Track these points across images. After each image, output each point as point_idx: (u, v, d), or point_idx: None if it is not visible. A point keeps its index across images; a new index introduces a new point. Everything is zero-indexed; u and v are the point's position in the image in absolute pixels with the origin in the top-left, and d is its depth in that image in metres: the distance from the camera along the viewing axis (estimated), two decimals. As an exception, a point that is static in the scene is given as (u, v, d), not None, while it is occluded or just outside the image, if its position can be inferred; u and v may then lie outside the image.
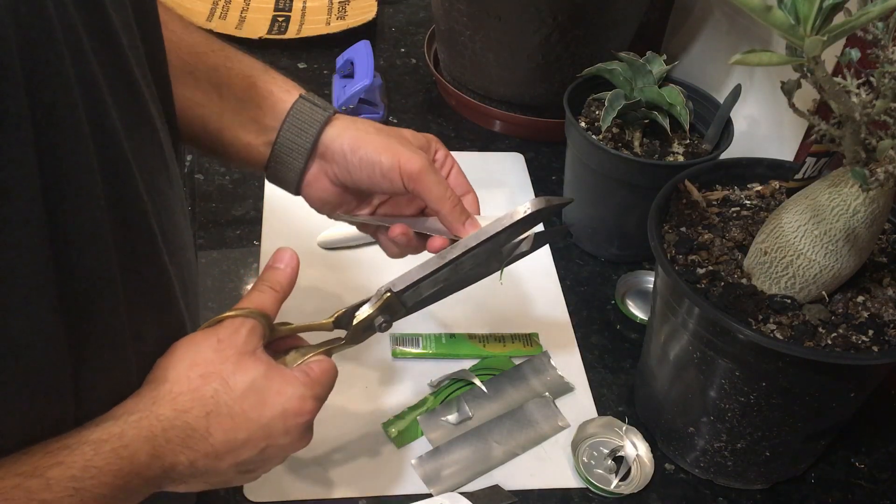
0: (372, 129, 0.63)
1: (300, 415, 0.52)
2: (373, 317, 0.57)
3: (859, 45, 0.55)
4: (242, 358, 0.51)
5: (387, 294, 0.57)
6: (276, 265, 0.58)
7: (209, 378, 0.49)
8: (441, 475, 0.72)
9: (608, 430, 0.76)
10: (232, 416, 0.49)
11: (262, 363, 0.52)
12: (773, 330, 0.63)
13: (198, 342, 0.51)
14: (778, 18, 0.50)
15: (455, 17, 1.05)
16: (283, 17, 1.30)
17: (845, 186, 0.60)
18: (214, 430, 0.49)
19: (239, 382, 0.50)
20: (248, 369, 0.51)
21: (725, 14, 1.07)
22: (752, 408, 0.66)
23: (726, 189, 0.76)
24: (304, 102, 0.63)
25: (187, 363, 0.50)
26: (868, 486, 0.76)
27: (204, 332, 0.52)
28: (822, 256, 0.62)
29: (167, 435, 0.47)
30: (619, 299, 0.90)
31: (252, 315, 0.53)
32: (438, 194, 0.61)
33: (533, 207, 0.61)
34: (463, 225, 0.62)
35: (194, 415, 0.48)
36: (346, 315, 0.58)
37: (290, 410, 0.51)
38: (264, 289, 0.56)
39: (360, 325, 0.57)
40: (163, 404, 0.47)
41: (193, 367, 0.49)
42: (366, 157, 0.61)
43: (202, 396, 0.49)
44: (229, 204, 0.97)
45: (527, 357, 0.83)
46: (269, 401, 0.51)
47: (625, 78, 0.88)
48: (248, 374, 0.50)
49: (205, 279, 0.88)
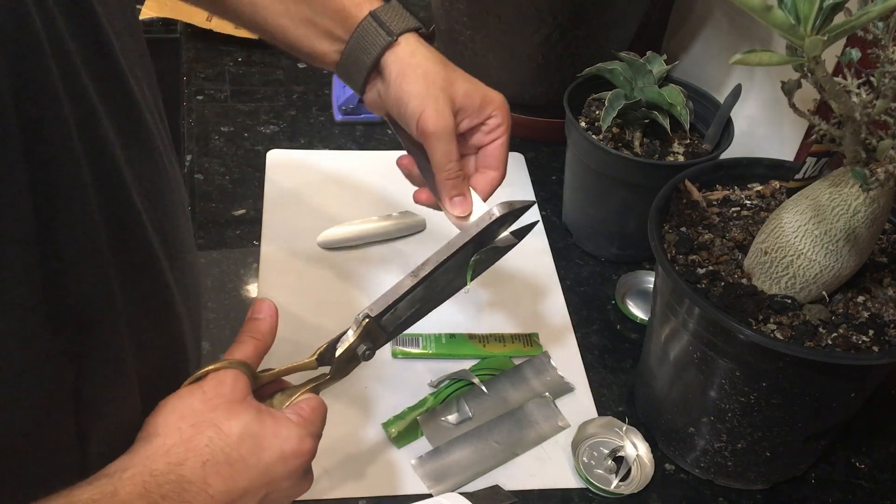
0: (423, 67, 0.63)
1: (299, 455, 0.50)
2: (355, 346, 0.57)
3: (860, 45, 0.55)
4: (232, 405, 0.49)
5: (365, 320, 0.56)
6: (255, 316, 0.57)
7: (201, 427, 0.47)
8: (441, 475, 0.72)
9: (608, 430, 0.75)
10: (230, 464, 0.47)
11: (252, 408, 0.50)
12: (773, 330, 0.63)
13: (183, 396, 0.50)
14: (778, 18, 0.50)
15: (455, 17, 1.05)
16: (282, 16, 1.30)
17: (846, 186, 0.60)
18: (212, 479, 0.46)
19: (233, 428, 0.48)
20: (240, 414, 0.49)
21: (725, 14, 1.07)
22: (753, 408, 0.66)
23: (726, 189, 0.76)
24: (370, 22, 0.63)
25: (176, 416, 0.48)
26: (868, 486, 0.76)
27: (188, 387, 0.51)
28: (822, 256, 0.62)
29: (162, 490, 0.44)
30: (619, 299, 0.90)
31: (234, 365, 0.52)
32: (438, 161, 0.62)
33: (498, 213, 0.60)
34: (450, 199, 0.63)
35: (190, 466, 0.46)
36: (328, 350, 0.57)
37: (288, 452, 0.50)
38: (245, 339, 0.55)
39: (343, 357, 0.56)
40: (156, 458, 0.46)
41: (183, 418, 0.48)
42: (399, 96, 0.62)
43: (196, 446, 0.47)
44: (229, 204, 0.97)
45: (527, 357, 0.83)
46: (266, 444, 0.49)
47: (625, 78, 0.88)
48: (241, 419, 0.49)
49: (205, 279, 0.88)
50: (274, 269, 0.89)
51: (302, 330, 0.83)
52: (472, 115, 0.65)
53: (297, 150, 1.05)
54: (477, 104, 0.65)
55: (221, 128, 1.07)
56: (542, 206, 1.01)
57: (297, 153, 1.04)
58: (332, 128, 1.09)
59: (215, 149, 1.04)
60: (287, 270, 0.89)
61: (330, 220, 0.94)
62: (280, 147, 1.04)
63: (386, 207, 0.96)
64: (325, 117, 1.11)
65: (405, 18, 0.64)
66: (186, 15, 1.25)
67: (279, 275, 0.88)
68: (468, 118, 0.65)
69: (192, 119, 1.08)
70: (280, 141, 1.06)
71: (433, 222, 0.96)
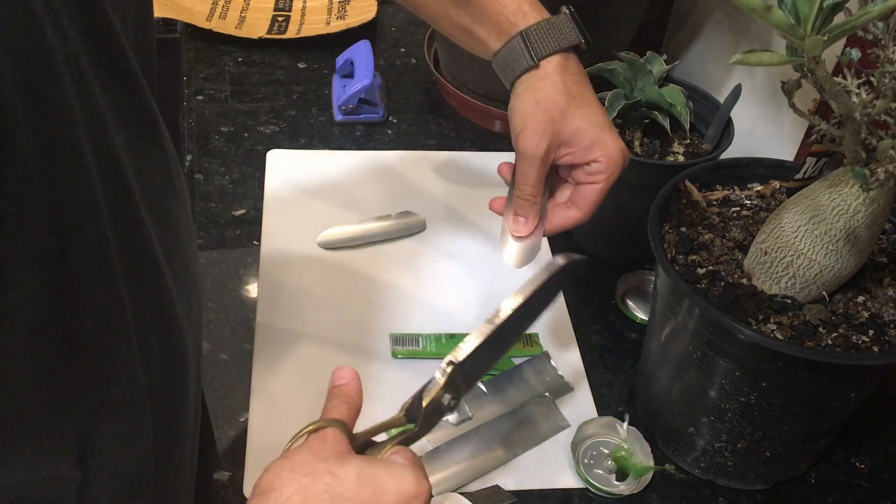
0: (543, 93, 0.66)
1: (419, 496, 0.48)
2: (439, 396, 0.55)
3: (860, 45, 0.55)
4: (341, 455, 0.48)
5: (450, 367, 0.55)
6: (339, 383, 0.56)
7: (317, 475, 0.46)
8: (441, 475, 0.72)
9: (608, 430, 0.75)
10: None
11: (360, 456, 0.49)
12: (773, 330, 0.63)
13: (289, 454, 0.48)
14: (778, 18, 0.50)
15: (455, 17, 1.05)
16: (282, 16, 1.30)
17: (846, 186, 0.60)
18: None
19: (348, 473, 0.47)
20: (352, 461, 0.48)
21: (725, 14, 1.07)
22: (753, 408, 0.66)
23: (726, 189, 0.76)
24: (518, 43, 0.66)
25: (287, 470, 0.46)
26: (868, 486, 0.76)
27: (294, 449, 0.49)
28: (822, 256, 0.62)
29: None
30: (619, 299, 0.90)
31: (331, 424, 0.51)
32: (517, 178, 0.67)
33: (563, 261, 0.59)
34: (514, 216, 0.68)
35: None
36: (414, 403, 0.55)
37: (408, 492, 0.47)
38: (335, 403, 0.54)
39: (429, 408, 0.55)
40: None
41: (295, 471, 0.46)
42: (512, 111, 0.67)
43: (315, 493, 0.45)
44: (229, 204, 0.97)
45: (527, 357, 0.83)
46: (386, 485, 0.47)
47: (625, 78, 0.88)
48: (354, 464, 0.47)
49: (205, 279, 0.88)
50: (274, 269, 0.89)
51: (302, 329, 0.83)
52: (577, 154, 0.67)
53: (297, 150, 1.05)
54: (585, 144, 0.67)
55: (221, 128, 1.07)
56: (542, 206, 1.01)
57: (297, 153, 1.04)
58: (332, 128, 1.09)
59: (215, 149, 1.04)
60: (287, 270, 0.89)
61: (330, 220, 0.94)
62: (280, 147, 1.04)
63: (386, 207, 0.96)
64: (325, 117, 1.11)
65: (556, 38, 0.67)
66: (186, 15, 1.25)
67: (279, 275, 0.88)
68: (571, 154, 0.67)
69: (192, 119, 1.08)
70: (280, 141, 1.06)
71: (433, 222, 0.96)
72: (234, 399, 0.77)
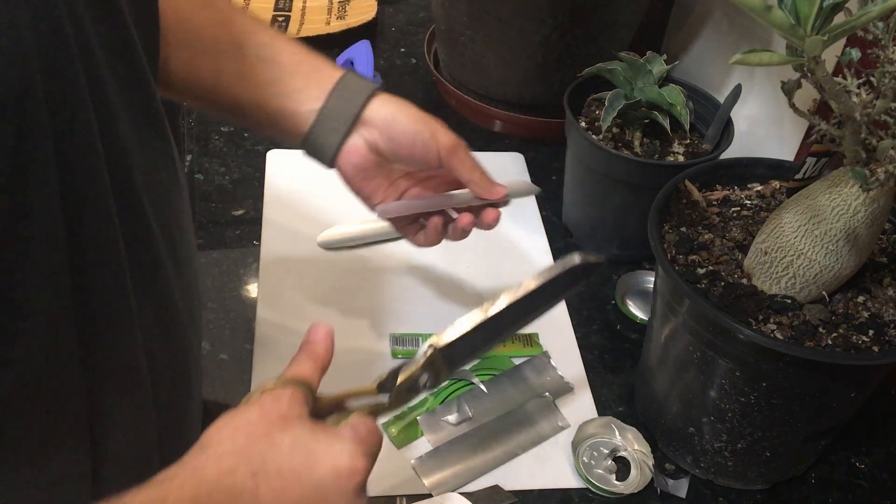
0: (413, 107, 0.68)
1: (353, 473, 0.48)
2: (417, 376, 0.55)
3: (860, 45, 0.55)
4: (287, 419, 0.49)
5: (430, 350, 0.55)
6: (311, 339, 0.56)
7: (254, 438, 0.47)
8: (441, 475, 0.72)
9: (608, 430, 0.75)
10: (281, 476, 0.46)
11: (307, 423, 0.49)
12: (773, 330, 0.63)
13: (241, 411, 0.49)
14: (778, 18, 0.50)
15: (455, 17, 1.05)
16: (282, 16, 1.30)
17: (845, 186, 0.60)
18: (263, 490, 0.46)
19: (285, 440, 0.47)
20: (294, 428, 0.48)
21: (725, 14, 1.07)
22: (753, 408, 0.66)
23: (726, 189, 0.76)
24: (351, 77, 0.66)
25: (231, 428, 0.47)
26: (868, 486, 0.76)
27: (245, 405, 0.50)
28: (822, 256, 0.62)
29: (212, 498, 0.44)
30: (619, 299, 0.90)
31: (292, 384, 0.51)
32: (470, 164, 0.67)
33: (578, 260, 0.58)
34: (493, 187, 0.68)
35: (240, 475, 0.45)
36: (390, 378, 0.55)
37: (341, 468, 0.48)
38: (302, 359, 0.54)
39: (403, 385, 0.55)
40: (207, 466, 0.45)
41: (237, 430, 0.47)
42: (409, 126, 0.66)
43: (248, 455, 0.46)
44: (229, 204, 0.97)
45: (527, 357, 0.83)
46: (319, 458, 0.48)
47: (625, 78, 0.88)
48: (294, 432, 0.48)
49: (205, 279, 0.88)
50: (274, 269, 0.89)
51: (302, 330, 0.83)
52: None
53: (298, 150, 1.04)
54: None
55: (221, 128, 1.07)
56: (541, 206, 1.01)
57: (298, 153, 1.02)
58: (332, 128, 1.09)
59: (215, 149, 1.04)
60: (287, 270, 0.89)
61: (330, 220, 0.94)
62: (280, 147, 1.04)
63: (386, 207, 0.96)
64: (325, 117, 1.11)
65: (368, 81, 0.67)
66: (186, 15, 1.25)
67: (279, 275, 0.88)
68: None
69: (192, 119, 1.08)
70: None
71: (433, 222, 0.96)
72: (234, 399, 0.77)
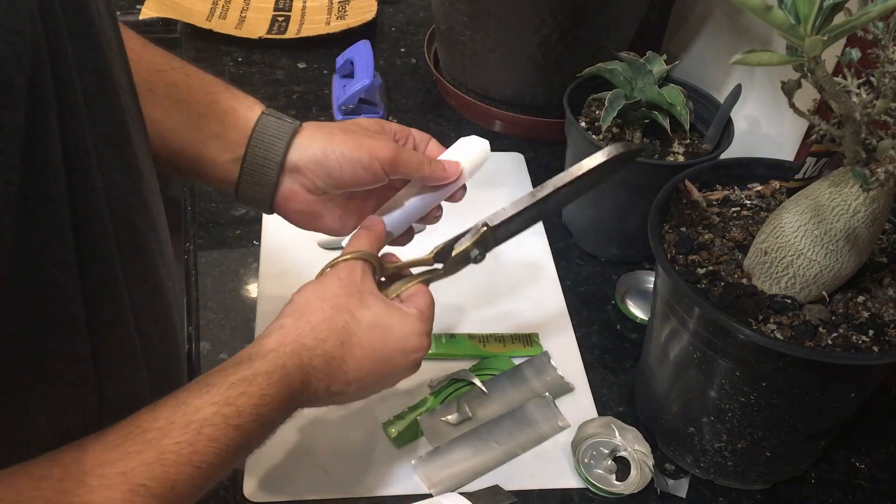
0: (336, 130, 0.64)
1: (418, 350, 0.58)
2: (469, 249, 0.63)
3: (860, 45, 0.55)
4: (363, 295, 0.56)
5: (484, 228, 0.63)
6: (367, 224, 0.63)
7: (339, 310, 0.55)
8: (441, 475, 0.72)
9: (608, 430, 0.75)
10: (361, 347, 0.55)
11: (381, 301, 0.57)
12: (773, 330, 0.63)
13: (322, 282, 0.57)
14: (778, 18, 0.50)
15: (455, 17, 1.05)
16: (282, 16, 1.30)
17: (846, 186, 0.60)
18: (348, 357, 0.54)
19: (365, 316, 0.55)
20: (371, 305, 0.56)
21: (725, 14, 1.07)
22: (753, 408, 0.66)
23: (726, 189, 0.76)
24: (268, 118, 0.62)
25: (318, 297, 0.55)
26: (868, 486, 0.76)
27: (324, 274, 0.58)
28: (822, 256, 0.62)
29: (313, 363, 0.53)
30: (619, 299, 0.90)
31: (362, 256, 0.59)
32: (416, 164, 0.65)
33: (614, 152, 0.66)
34: (445, 171, 0.66)
35: (332, 343, 0.54)
36: (445, 249, 0.64)
37: (409, 346, 0.57)
38: (362, 235, 0.61)
39: (457, 257, 0.63)
40: (305, 334, 0.53)
41: (324, 300, 0.55)
42: (343, 156, 0.62)
43: (336, 326, 0.54)
44: (229, 204, 0.97)
45: (527, 357, 0.83)
46: (392, 335, 0.56)
47: (625, 78, 0.88)
48: (371, 309, 0.56)
49: (205, 279, 0.88)
50: (274, 270, 0.89)
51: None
52: None
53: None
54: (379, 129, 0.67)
55: (221, 128, 1.07)
56: (542, 206, 1.01)
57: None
58: (332, 128, 1.09)
59: (215, 149, 1.04)
60: (287, 270, 0.89)
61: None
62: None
63: (386, 207, 0.96)
64: (325, 117, 1.11)
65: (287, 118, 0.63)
66: (186, 15, 1.25)
67: (279, 275, 0.88)
68: None
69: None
70: (280, 141, 1.06)
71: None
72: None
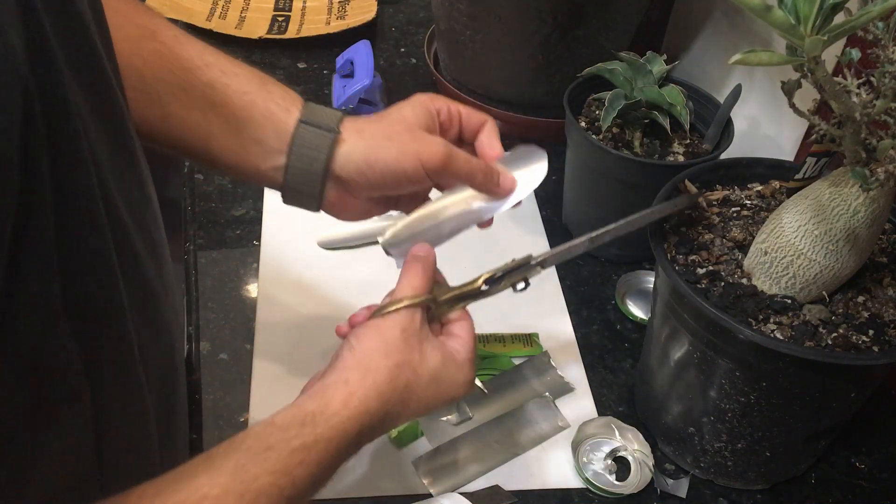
0: (380, 135, 0.61)
1: (465, 394, 0.60)
2: (516, 282, 0.64)
3: (860, 45, 0.55)
4: (424, 346, 0.57)
5: (537, 267, 0.64)
6: (417, 254, 0.63)
7: (402, 368, 0.55)
8: (441, 475, 0.72)
9: (608, 430, 0.75)
10: (418, 401, 0.57)
11: (437, 351, 0.58)
12: (773, 330, 0.63)
13: (384, 331, 0.56)
14: (778, 18, 0.50)
15: (455, 17, 1.05)
16: (282, 16, 1.30)
17: (846, 186, 0.60)
18: (404, 412, 0.56)
19: (425, 373, 0.56)
20: (431, 359, 0.57)
21: (725, 14, 1.07)
22: (753, 408, 0.66)
23: (726, 189, 0.76)
24: (305, 128, 0.60)
25: (382, 352, 0.55)
26: (868, 486, 0.76)
27: (385, 321, 0.57)
28: (822, 256, 0.62)
29: (373, 423, 0.54)
30: (619, 299, 0.90)
31: (424, 302, 0.59)
32: (468, 171, 0.62)
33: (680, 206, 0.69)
34: (498, 186, 0.64)
35: (393, 402, 0.55)
36: (495, 278, 0.64)
37: (459, 395, 0.59)
38: (418, 271, 0.61)
39: (504, 286, 0.64)
40: (372, 398, 0.54)
41: (388, 355, 0.55)
42: (386, 168, 0.60)
43: (398, 387, 0.55)
44: (229, 204, 0.97)
45: (527, 357, 0.83)
46: (446, 387, 0.58)
47: (625, 78, 0.88)
48: (431, 363, 0.57)
49: (205, 279, 0.88)
50: (274, 269, 0.89)
51: (302, 329, 0.83)
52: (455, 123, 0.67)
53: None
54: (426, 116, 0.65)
55: (221, 128, 1.07)
56: (541, 206, 1.01)
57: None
58: (332, 128, 1.09)
59: (215, 149, 1.04)
60: (287, 270, 0.89)
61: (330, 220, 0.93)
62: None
63: (386, 207, 0.96)
64: (325, 117, 1.11)
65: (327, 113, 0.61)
66: (186, 15, 1.25)
67: (279, 275, 0.88)
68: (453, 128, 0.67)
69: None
70: (280, 141, 1.06)
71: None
72: (234, 399, 0.77)
